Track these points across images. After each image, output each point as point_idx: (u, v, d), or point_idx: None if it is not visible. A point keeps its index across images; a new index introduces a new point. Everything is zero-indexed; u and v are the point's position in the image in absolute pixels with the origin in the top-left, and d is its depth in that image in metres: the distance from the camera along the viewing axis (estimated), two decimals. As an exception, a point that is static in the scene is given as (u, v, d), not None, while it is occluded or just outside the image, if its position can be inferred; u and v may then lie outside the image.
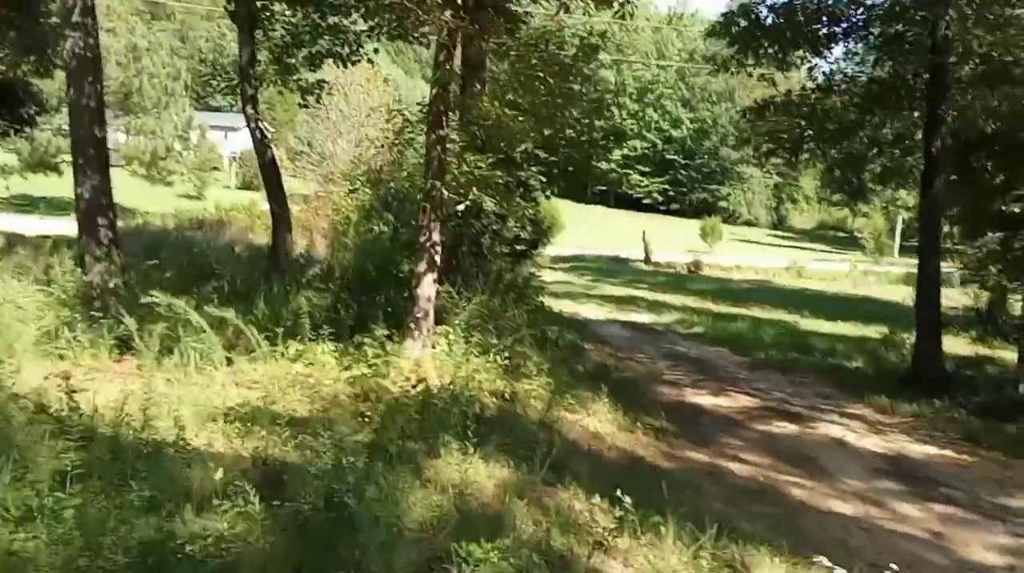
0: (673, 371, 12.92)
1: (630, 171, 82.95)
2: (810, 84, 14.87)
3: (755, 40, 13.87)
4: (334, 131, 37.69)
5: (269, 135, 14.49)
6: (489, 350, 8.44)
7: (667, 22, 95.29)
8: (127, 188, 40.93)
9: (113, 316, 8.10)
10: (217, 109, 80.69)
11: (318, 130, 43.25)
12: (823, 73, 16.20)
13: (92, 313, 8.31)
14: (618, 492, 4.46)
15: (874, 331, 17.78)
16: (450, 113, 8.82)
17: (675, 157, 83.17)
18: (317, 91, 15.19)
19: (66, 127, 13.28)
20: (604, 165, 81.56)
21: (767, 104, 14.55)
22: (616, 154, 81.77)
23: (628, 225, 52.64)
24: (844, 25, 14.25)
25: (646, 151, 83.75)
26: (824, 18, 13.94)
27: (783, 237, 75.21)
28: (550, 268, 23.57)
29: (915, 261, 14.53)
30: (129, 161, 36.36)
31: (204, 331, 7.59)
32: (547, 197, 13.50)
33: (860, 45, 16.43)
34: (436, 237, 8.49)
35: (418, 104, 11.01)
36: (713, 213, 68.60)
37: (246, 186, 52.36)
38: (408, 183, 12.68)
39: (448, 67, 8.48)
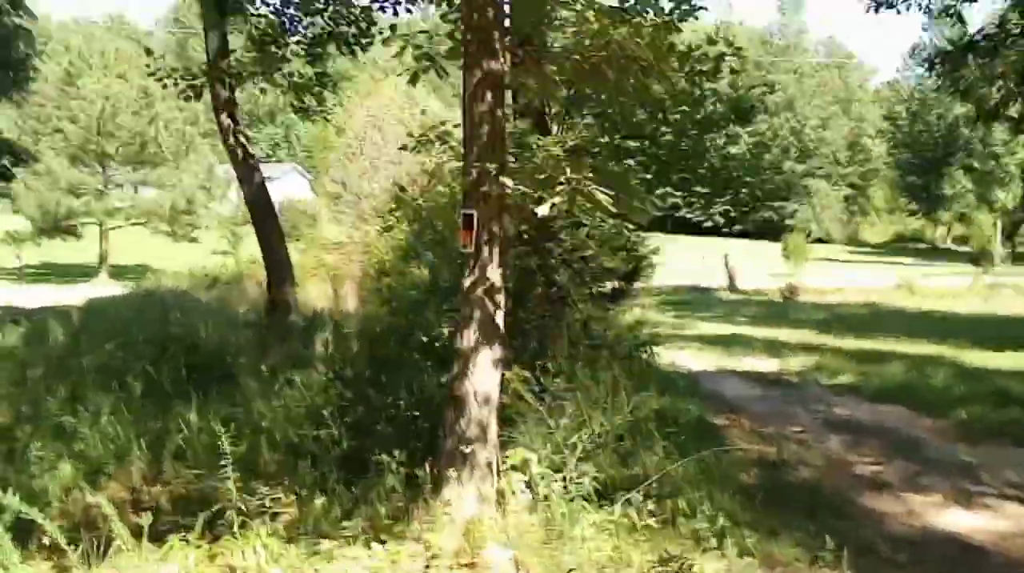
0: (860, 457, 8.55)
1: (686, 193, 78.16)
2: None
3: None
4: (369, 169, 34.17)
5: (252, 150, 10.60)
6: (612, 492, 4.25)
7: (708, 42, 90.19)
8: (150, 246, 37.98)
9: None
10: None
11: (352, 169, 40.08)
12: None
13: None
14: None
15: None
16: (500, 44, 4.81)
17: (734, 174, 78.26)
18: (317, 88, 11.25)
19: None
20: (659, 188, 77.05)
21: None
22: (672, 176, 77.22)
23: (694, 251, 48.13)
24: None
25: (703, 171, 78.94)
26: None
27: (861, 252, 69.67)
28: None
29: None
30: (148, 217, 33.18)
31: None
32: (655, 204, 9.18)
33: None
34: (493, 275, 4.41)
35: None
36: (782, 232, 63.73)
37: (291, 237, 49.37)
38: (446, 200, 8.61)
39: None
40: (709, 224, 76.15)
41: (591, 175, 4.11)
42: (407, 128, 30.22)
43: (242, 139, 10.30)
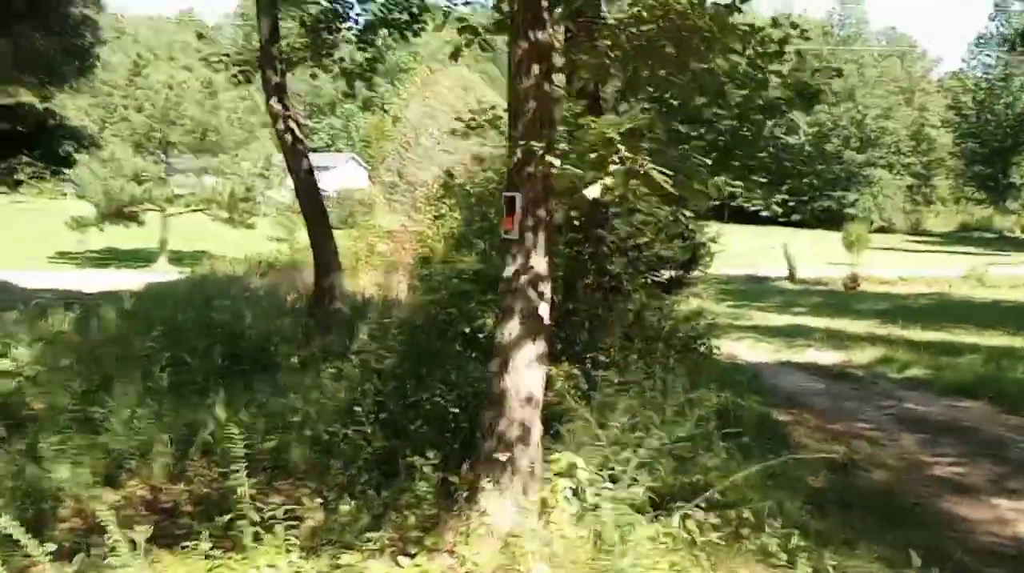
0: (938, 457, 7.96)
1: (745, 181, 76.46)
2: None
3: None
4: (425, 158, 33.95)
5: (303, 137, 10.33)
6: (669, 502, 3.84)
7: (772, 25, 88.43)
8: (209, 233, 38.36)
9: None
10: (313, 150, 79.42)
11: (407, 159, 39.94)
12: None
13: None
14: None
15: None
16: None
17: (793, 165, 76.51)
18: (368, 74, 10.95)
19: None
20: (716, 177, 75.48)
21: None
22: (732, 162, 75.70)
23: (751, 240, 47.01)
24: None
25: (764, 157, 77.22)
26: None
27: (924, 242, 67.48)
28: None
29: None
30: (208, 204, 33.48)
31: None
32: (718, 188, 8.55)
33: None
34: (538, 263, 4.01)
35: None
36: (843, 221, 61.98)
37: (343, 223, 49.64)
38: (495, 186, 8.22)
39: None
40: (766, 213, 74.54)
41: (648, 157, 3.69)
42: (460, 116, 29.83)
43: (292, 125, 10.03)
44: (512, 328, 3.96)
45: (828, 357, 14.56)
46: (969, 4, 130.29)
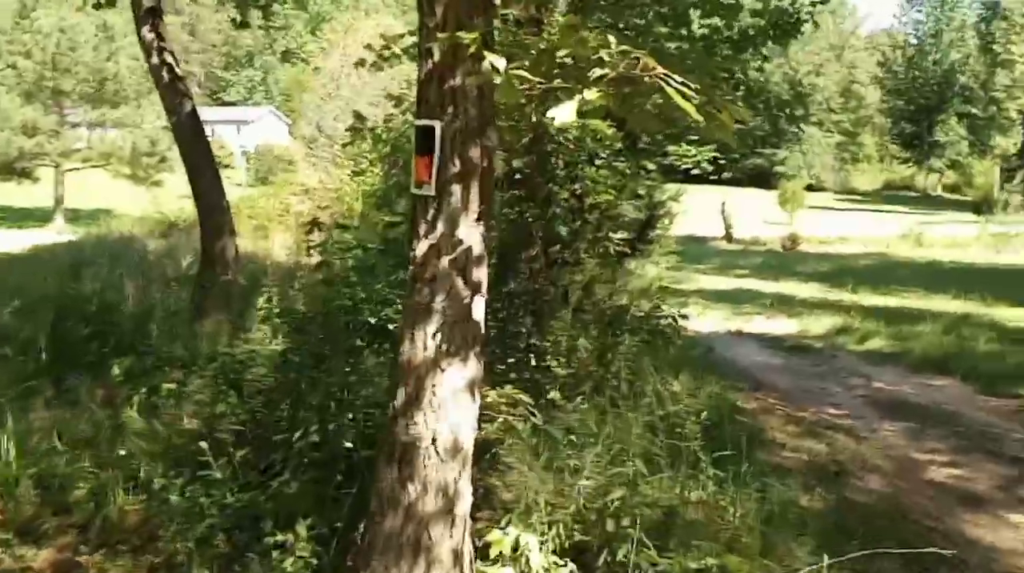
0: (929, 454, 6.89)
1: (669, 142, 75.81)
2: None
3: None
4: (347, 109, 31.95)
5: (182, 73, 8.64)
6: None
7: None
8: (117, 190, 35.68)
9: None
10: (231, 103, 75.67)
11: (328, 111, 37.77)
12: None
13: None
14: None
15: None
16: None
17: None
18: (269, 1, 9.24)
19: None
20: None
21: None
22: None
23: (684, 198, 46.24)
24: None
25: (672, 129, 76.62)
26: None
27: (852, 200, 68.13)
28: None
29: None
30: (107, 159, 30.87)
31: None
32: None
33: None
34: (469, 235, 2.57)
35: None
36: (772, 179, 61.84)
37: (260, 182, 47.19)
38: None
39: None
40: (696, 171, 74.11)
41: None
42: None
43: (168, 58, 8.32)
44: (426, 339, 2.55)
45: (781, 326, 13.56)
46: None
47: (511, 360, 4.78)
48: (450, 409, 2.58)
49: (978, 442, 7.25)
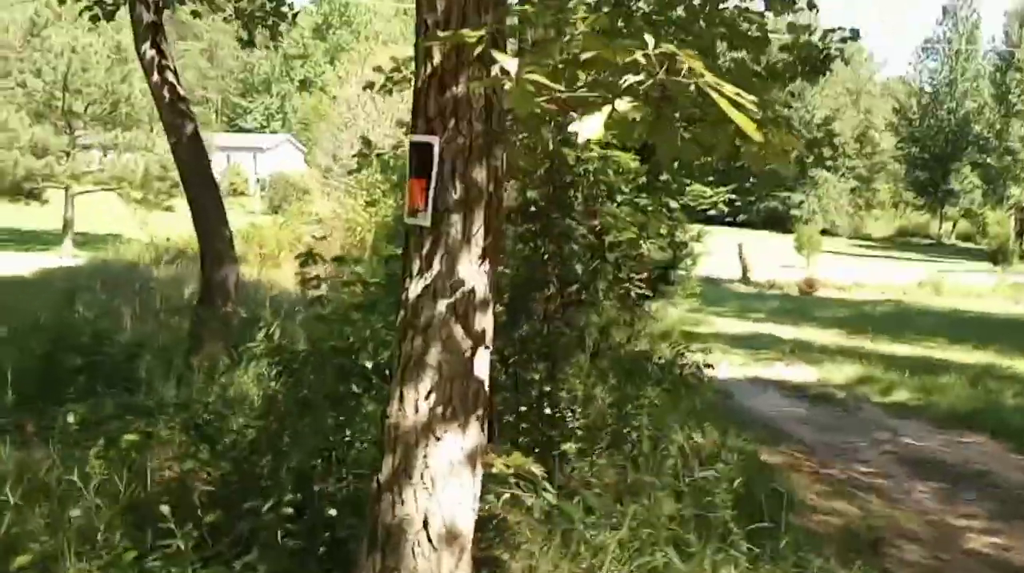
0: (966, 519, 6.44)
1: (690, 181, 75.70)
2: None
3: None
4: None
5: (185, 93, 8.35)
6: None
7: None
8: (121, 213, 35.42)
9: None
10: (247, 130, 75.97)
11: (344, 140, 37.65)
12: None
13: None
14: None
15: None
16: None
17: (740, 164, 76.01)
18: (272, 19, 8.96)
19: None
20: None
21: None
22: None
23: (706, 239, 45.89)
24: None
25: (707, 158, 76.51)
26: None
27: (866, 246, 67.69)
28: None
29: None
30: (119, 182, 30.65)
31: None
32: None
33: None
34: (473, 275, 2.15)
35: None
36: (787, 223, 61.48)
37: (275, 210, 47.09)
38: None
39: None
40: (712, 212, 73.83)
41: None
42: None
43: (171, 77, 8.03)
44: (418, 399, 2.11)
45: (801, 373, 13.08)
46: (917, 7, 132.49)
47: (522, 408, 4.38)
48: (446, 486, 2.13)
49: (1015, 507, 6.79)
